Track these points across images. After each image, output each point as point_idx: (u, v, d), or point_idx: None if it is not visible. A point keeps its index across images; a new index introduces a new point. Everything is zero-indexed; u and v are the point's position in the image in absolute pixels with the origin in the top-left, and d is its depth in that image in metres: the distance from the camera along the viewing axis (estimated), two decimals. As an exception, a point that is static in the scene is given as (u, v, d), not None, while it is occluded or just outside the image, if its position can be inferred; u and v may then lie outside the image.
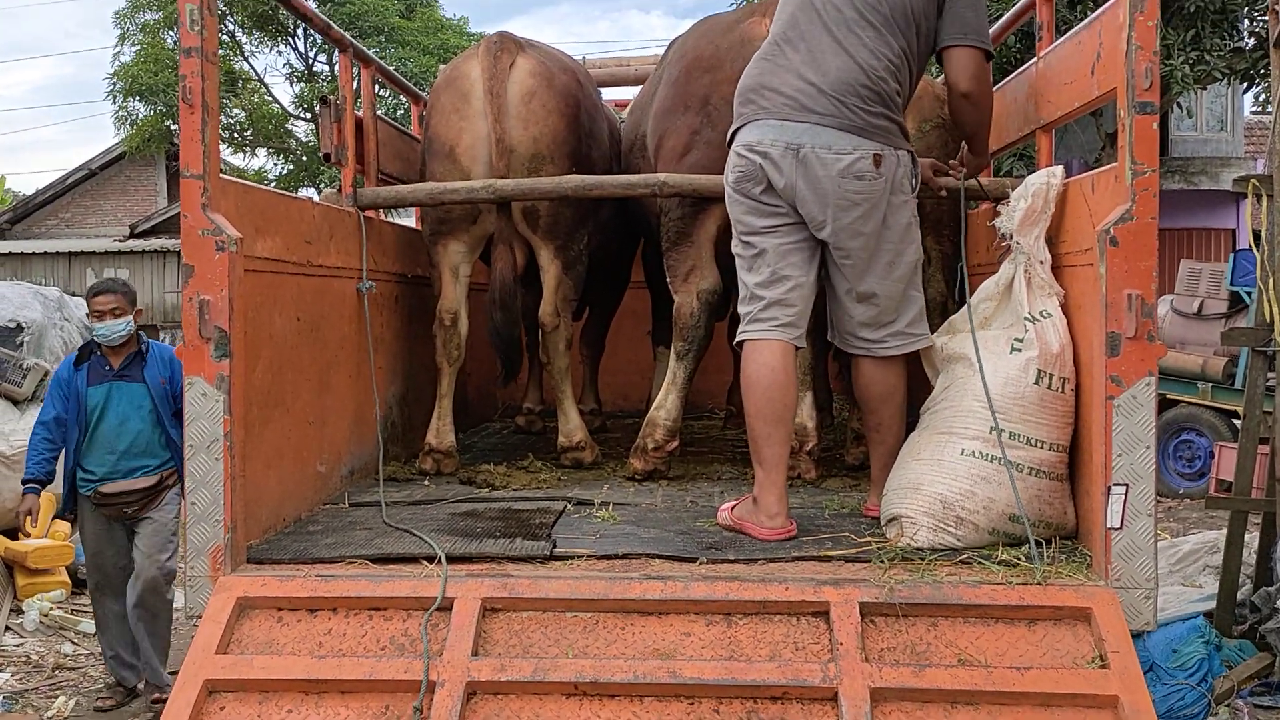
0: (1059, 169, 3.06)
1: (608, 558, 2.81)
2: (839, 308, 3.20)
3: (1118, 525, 2.55)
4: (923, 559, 2.73)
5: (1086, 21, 2.93)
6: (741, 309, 3.20)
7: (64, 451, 4.40)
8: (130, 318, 4.35)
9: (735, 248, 3.21)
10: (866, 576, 2.63)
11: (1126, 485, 2.55)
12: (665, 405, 3.81)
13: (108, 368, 4.35)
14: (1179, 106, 12.74)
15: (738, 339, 3.21)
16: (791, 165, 2.99)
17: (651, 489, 3.70)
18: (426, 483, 3.85)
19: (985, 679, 2.38)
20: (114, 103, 21.24)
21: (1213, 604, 4.78)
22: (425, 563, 2.76)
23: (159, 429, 4.32)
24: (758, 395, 3.05)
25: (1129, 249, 2.56)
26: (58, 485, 6.14)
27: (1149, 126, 2.55)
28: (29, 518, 4.45)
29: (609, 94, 5.31)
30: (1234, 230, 16.89)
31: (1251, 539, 5.00)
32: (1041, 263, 2.91)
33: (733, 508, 3.13)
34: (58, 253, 20.82)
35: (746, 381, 3.09)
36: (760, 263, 3.11)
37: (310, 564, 2.77)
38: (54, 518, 5.99)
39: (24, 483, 4.47)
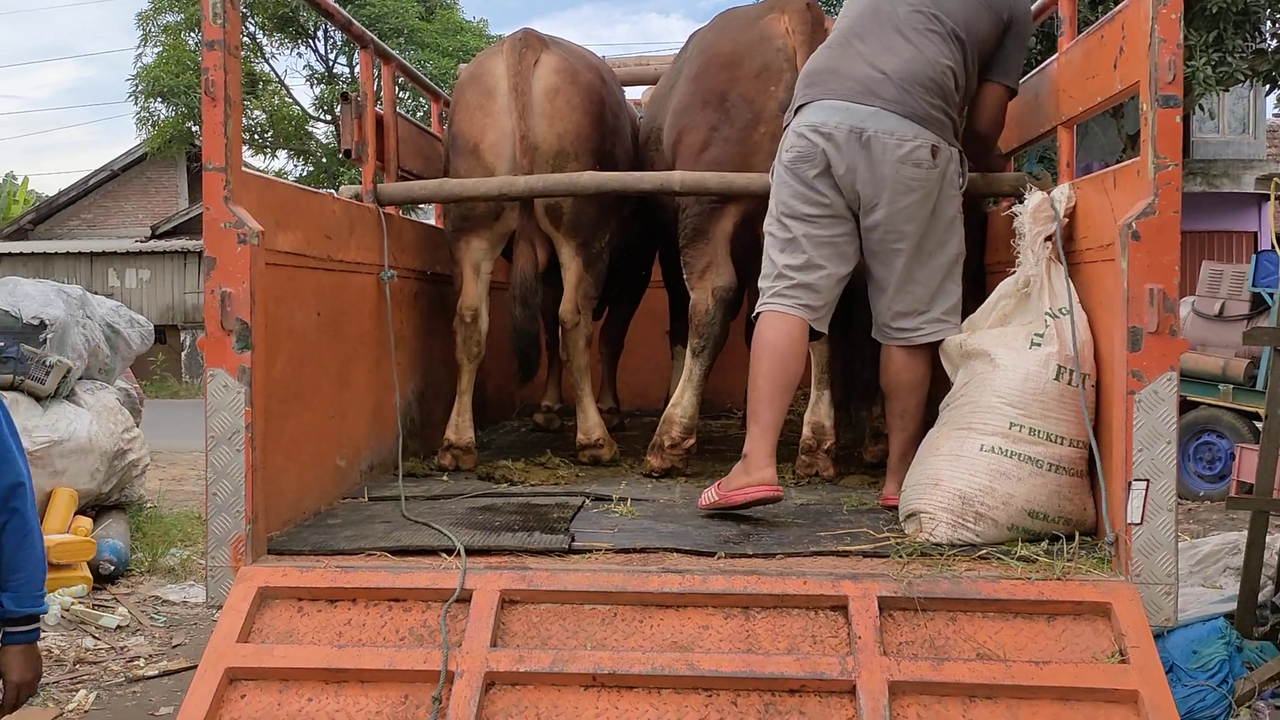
0: (1066, 187, 3.07)
1: (626, 551, 2.81)
2: (880, 296, 3.26)
3: (1138, 520, 2.54)
4: (941, 554, 2.73)
5: (1109, 15, 2.92)
6: (763, 283, 3.23)
7: None
8: None
9: (769, 225, 3.25)
10: (885, 571, 2.63)
11: (1147, 480, 2.54)
12: (682, 403, 3.81)
13: None
14: (1201, 108, 12.65)
15: (756, 310, 3.22)
16: (855, 149, 3.08)
17: (669, 485, 3.71)
18: (445, 478, 3.86)
19: (1004, 673, 2.37)
20: (136, 104, 21.45)
21: (1233, 605, 4.74)
22: (444, 555, 2.77)
23: None
24: (770, 361, 3.11)
25: (1151, 243, 2.55)
26: (78, 482, 6.21)
27: (1172, 120, 2.54)
28: None
29: (630, 93, 5.32)
30: (1256, 233, 16.77)
31: (1273, 540, 4.97)
32: (1033, 250, 2.93)
33: (718, 485, 3.20)
34: (80, 253, 21.02)
35: (759, 345, 3.14)
36: (794, 248, 3.17)
37: (330, 555, 2.79)
38: (75, 514, 6.05)
39: None
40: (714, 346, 3.81)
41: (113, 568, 5.94)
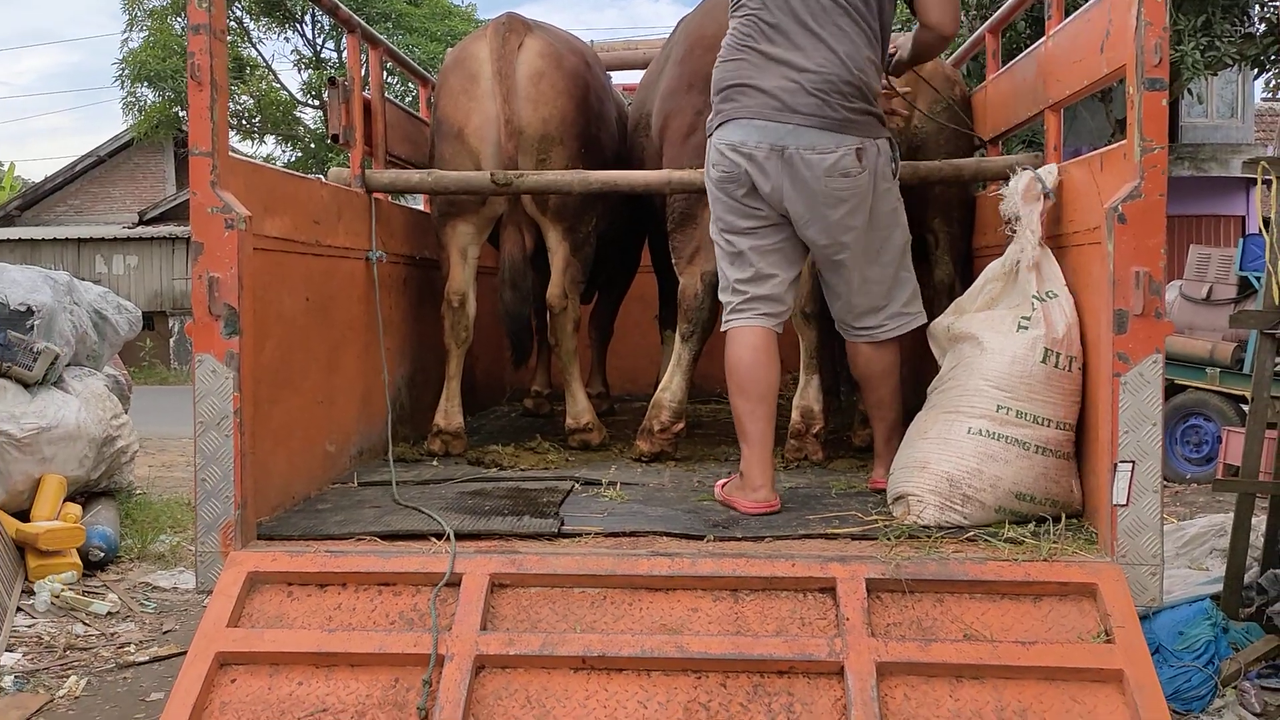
0: (1053, 166, 3.08)
1: (615, 535, 2.82)
2: (836, 301, 3.26)
3: (1124, 502, 2.56)
4: (929, 536, 2.74)
5: (1095, -1, 2.92)
6: (722, 297, 3.23)
7: None
8: None
9: (714, 236, 3.22)
10: (873, 553, 2.64)
11: (1133, 462, 2.56)
12: (671, 387, 3.82)
13: None
14: (1189, 93, 12.67)
15: (722, 329, 3.23)
16: (777, 167, 3.00)
17: (659, 469, 3.72)
18: (435, 463, 3.87)
19: (991, 653, 2.39)
20: (122, 89, 21.31)
21: (1219, 587, 4.78)
22: (434, 540, 2.78)
23: None
24: (741, 374, 3.10)
25: (1137, 226, 2.56)
26: (67, 468, 6.19)
27: (1158, 103, 2.55)
28: None
29: (619, 78, 5.31)
30: (1244, 217, 16.83)
31: (1259, 522, 5.00)
32: (1032, 231, 2.93)
33: (724, 484, 3.19)
34: (67, 239, 20.91)
35: (730, 363, 3.13)
36: (741, 260, 3.14)
37: (320, 540, 2.80)
38: (64, 501, 6.04)
39: None
40: (703, 331, 3.82)
41: (102, 554, 5.93)
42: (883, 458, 3.27)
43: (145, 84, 21.16)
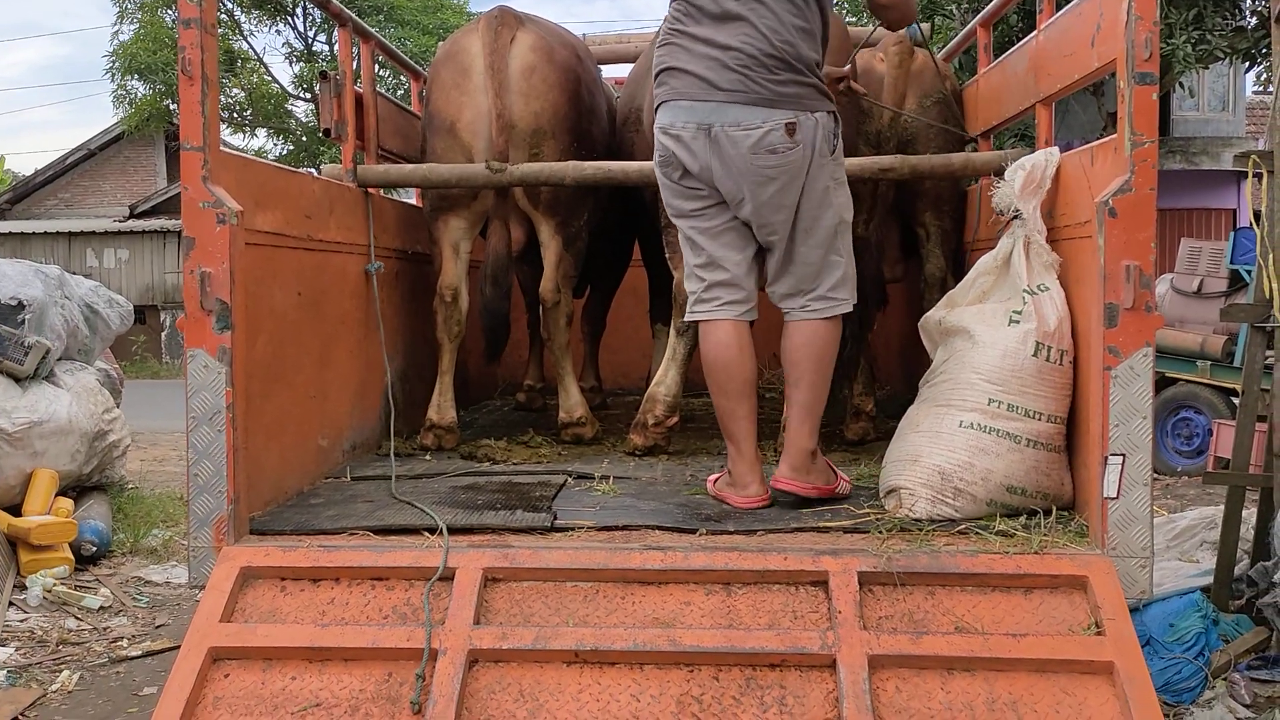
0: (1055, 150, 3.08)
1: (608, 529, 2.82)
2: (768, 277, 3.16)
3: (1114, 495, 2.57)
4: (921, 529, 2.75)
5: (1087, -7, 2.93)
6: (687, 285, 3.20)
7: None
8: None
9: (666, 225, 3.20)
10: (865, 547, 2.65)
11: (1124, 455, 2.57)
12: (665, 381, 3.82)
13: None
14: (1181, 86, 12.69)
15: (687, 318, 3.20)
16: (704, 146, 2.96)
17: (652, 464, 3.72)
18: (427, 457, 3.87)
19: (982, 645, 2.40)
20: (113, 82, 21.22)
21: (1210, 579, 4.80)
22: (427, 534, 2.78)
23: None
24: (717, 374, 3.08)
25: (1127, 220, 2.57)
26: (58, 463, 6.18)
27: (1148, 97, 2.56)
28: None
29: (611, 72, 5.31)
30: (1235, 210, 16.87)
31: (1249, 515, 5.02)
32: (1039, 233, 2.92)
33: (715, 480, 3.18)
34: (57, 233, 20.86)
35: (705, 361, 3.11)
36: (694, 246, 3.12)
37: (313, 535, 2.79)
38: (55, 495, 6.02)
39: None
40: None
41: (94, 549, 5.92)
42: (787, 452, 3.08)
43: (136, 77, 21.09)
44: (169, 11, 20.75)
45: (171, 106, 20.90)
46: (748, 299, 3.12)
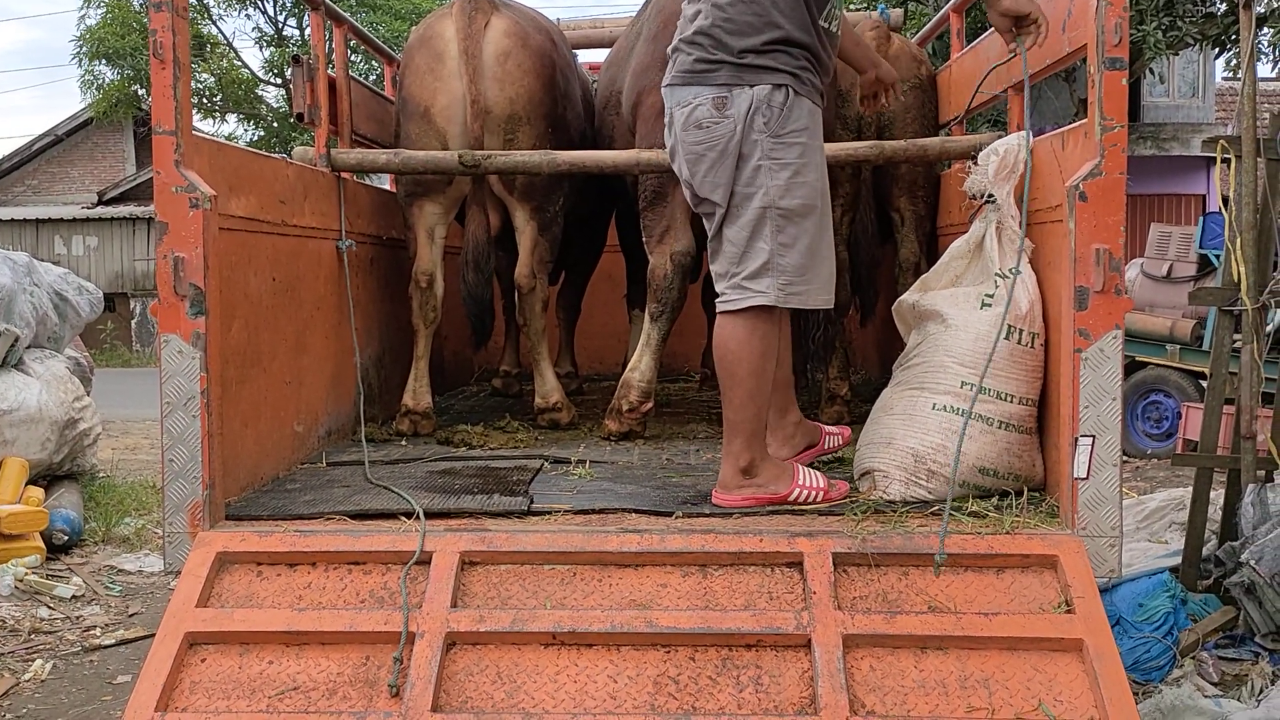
0: (1028, 133, 3.09)
1: (584, 512, 2.83)
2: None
3: (1084, 475, 2.60)
4: (895, 511, 2.78)
5: (1058, -21, 2.95)
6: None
7: None
8: None
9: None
10: (839, 528, 2.68)
11: (1093, 436, 2.60)
12: (640, 367, 3.83)
13: None
14: (1151, 72, 12.79)
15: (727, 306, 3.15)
16: (669, 132, 2.97)
17: (628, 448, 3.73)
18: (404, 443, 3.86)
19: (954, 624, 2.43)
20: (80, 67, 20.95)
21: (1179, 559, 4.87)
22: (404, 519, 2.78)
23: None
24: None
25: (1097, 204, 2.60)
26: (28, 452, 6.13)
27: (1118, 82, 2.58)
28: None
29: (586, 57, 5.30)
30: (1204, 195, 17.03)
31: (1217, 496, 5.09)
32: (1012, 217, 2.94)
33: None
34: (25, 220, 20.61)
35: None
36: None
37: (289, 520, 2.79)
38: (26, 484, 5.98)
39: None
40: (672, 311, 3.83)
41: (66, 538, 5.89)
42: (722, 469, 2.92)
43: (104, 62, 20.83)
44: (137, -5, 20.51)
45: (140, 92, 20.67)
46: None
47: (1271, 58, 11.97)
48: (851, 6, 11.11)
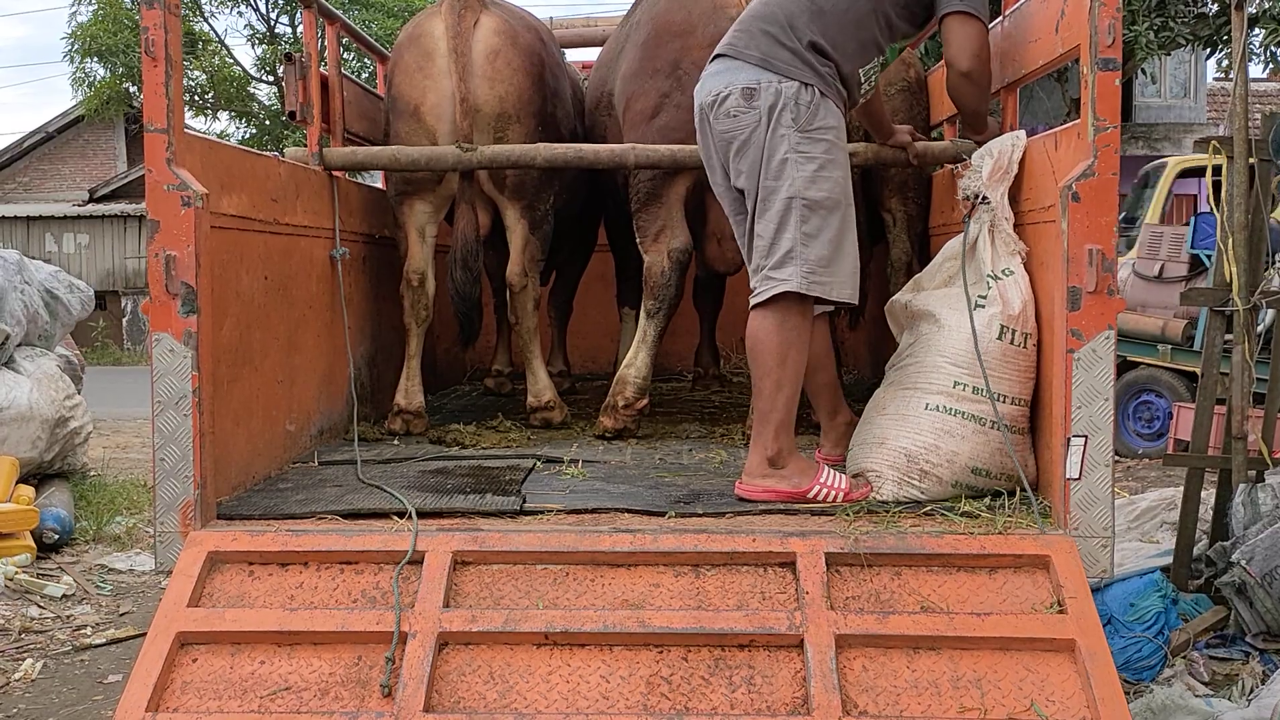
0: (1022, 133, 3.10)
1: (577, 512, 2.83)
2: None
3: (1076, 476, 2.61)
4: (887, 511, 2.78)
5: (1051, -21, 2.95)
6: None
7: None
8: None
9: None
10: (832, 528, 2.68)
11: (1085, 437, 2.60)
12: (635, 363, 3.83)
13: None
14: (1143, 73, 12.84)
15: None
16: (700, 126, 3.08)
17: (620, 447, 3.73)
18: (396, 442, 3.86)
19: (947, 625, 2.43)
20: (71, 64, 20.85)
21: (1170, 559, 4.88)
22: (396, 518, 2.78)
23: None
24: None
25: (1090, 204, 2.60)
26: (19, 450, 6.10)
27: (1111, 83, 2.59)
28: None
29: (577, 55, 5.29)
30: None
31: (1208, 496, 5.10)
32: (1006, 219, 2.95)
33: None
34: (15, 217, 20.53)
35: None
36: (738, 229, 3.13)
37: (281, 519, 2.78)
38: (16, 483, 5.96)
39: None
40: (669, 308, 3.83)
41: (57, 536, 5.86)
42: (749, 457, 2.96)
43: (95, 59, 20.74)
44: (129, -8, 20.41)
45: (131, 89, 20.59)
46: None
47: (1263, 58, 12.01)
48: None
